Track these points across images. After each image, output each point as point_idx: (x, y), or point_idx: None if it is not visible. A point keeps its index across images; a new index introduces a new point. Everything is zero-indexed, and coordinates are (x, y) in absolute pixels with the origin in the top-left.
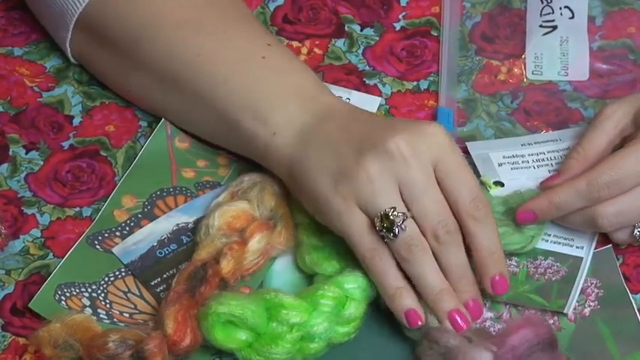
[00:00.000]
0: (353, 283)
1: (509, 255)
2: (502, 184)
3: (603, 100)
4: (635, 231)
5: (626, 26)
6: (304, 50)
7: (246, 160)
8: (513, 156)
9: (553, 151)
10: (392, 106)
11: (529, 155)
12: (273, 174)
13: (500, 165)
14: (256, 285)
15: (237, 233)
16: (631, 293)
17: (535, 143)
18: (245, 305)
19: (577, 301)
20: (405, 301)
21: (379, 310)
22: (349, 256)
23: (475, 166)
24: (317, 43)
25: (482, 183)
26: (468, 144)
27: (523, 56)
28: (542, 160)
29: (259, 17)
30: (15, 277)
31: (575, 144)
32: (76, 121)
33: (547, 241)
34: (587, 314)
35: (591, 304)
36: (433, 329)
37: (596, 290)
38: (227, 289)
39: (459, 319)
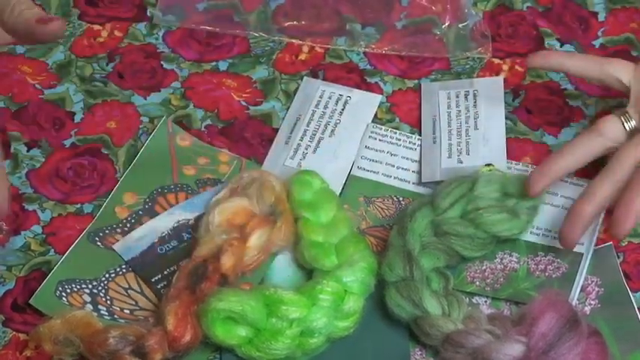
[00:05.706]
0: (351, 277)
1: (509, 249)
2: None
3: (604, 100)
4: None
5: (628, 22)
6: (305, 49)
7: (247, 157)
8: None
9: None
10: (393, 104)
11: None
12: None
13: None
14: (257, 281)
15: (237, 229)
16: (631, 292)
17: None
18: (244, 301)
19: (577, 299)
20: None
21: (379, 304)
22: (348, 251)
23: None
24: (318, 41)
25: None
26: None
27: None
28: None
29: (260, 16)
30: (16, 273)
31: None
32: (78, 117)
33: (548, 237)
34: (588, 313)
35: (592, 302)
36: (453, 334)
37: (596, 288)
38: (227, 285)
39: None
